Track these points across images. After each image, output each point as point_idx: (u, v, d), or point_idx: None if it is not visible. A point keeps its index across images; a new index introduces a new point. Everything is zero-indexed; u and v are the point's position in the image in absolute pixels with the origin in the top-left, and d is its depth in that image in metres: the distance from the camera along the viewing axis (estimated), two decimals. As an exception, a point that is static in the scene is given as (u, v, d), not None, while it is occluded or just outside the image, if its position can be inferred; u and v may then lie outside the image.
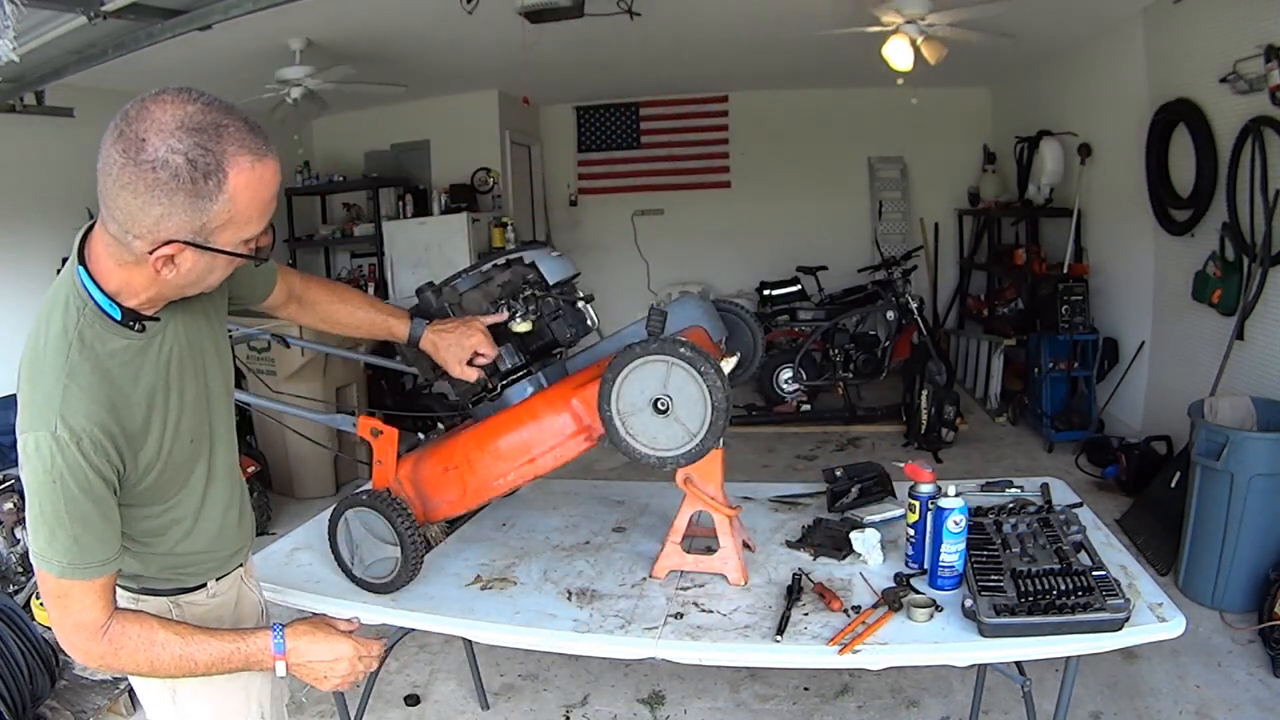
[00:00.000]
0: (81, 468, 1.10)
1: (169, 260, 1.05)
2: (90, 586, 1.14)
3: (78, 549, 1.12)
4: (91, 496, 1.12)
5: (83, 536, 1.12)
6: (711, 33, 5.18)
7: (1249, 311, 3.68)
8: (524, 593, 1.79)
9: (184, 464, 1.29)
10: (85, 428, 1.10)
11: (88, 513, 1.11)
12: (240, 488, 1.49)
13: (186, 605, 1.38)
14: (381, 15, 4.37)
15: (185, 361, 1.27)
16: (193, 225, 1.02)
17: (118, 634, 1.16)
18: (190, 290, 1.16)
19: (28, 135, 4.38)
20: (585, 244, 7.83)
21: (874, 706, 2.63)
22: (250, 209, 1.05)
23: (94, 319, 1.13)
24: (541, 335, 1.86)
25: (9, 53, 2.48)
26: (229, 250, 1.08)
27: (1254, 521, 2.97)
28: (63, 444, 1.08)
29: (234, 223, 1.05)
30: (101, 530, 1.14)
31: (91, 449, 1.10)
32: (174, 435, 1.24)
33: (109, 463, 1.13)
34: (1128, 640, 1.48)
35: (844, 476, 2.13)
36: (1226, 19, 3.74)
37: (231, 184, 1.01)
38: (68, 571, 1.12)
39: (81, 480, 1.10)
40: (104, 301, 1.13)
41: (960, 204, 7.29)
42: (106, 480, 1.13)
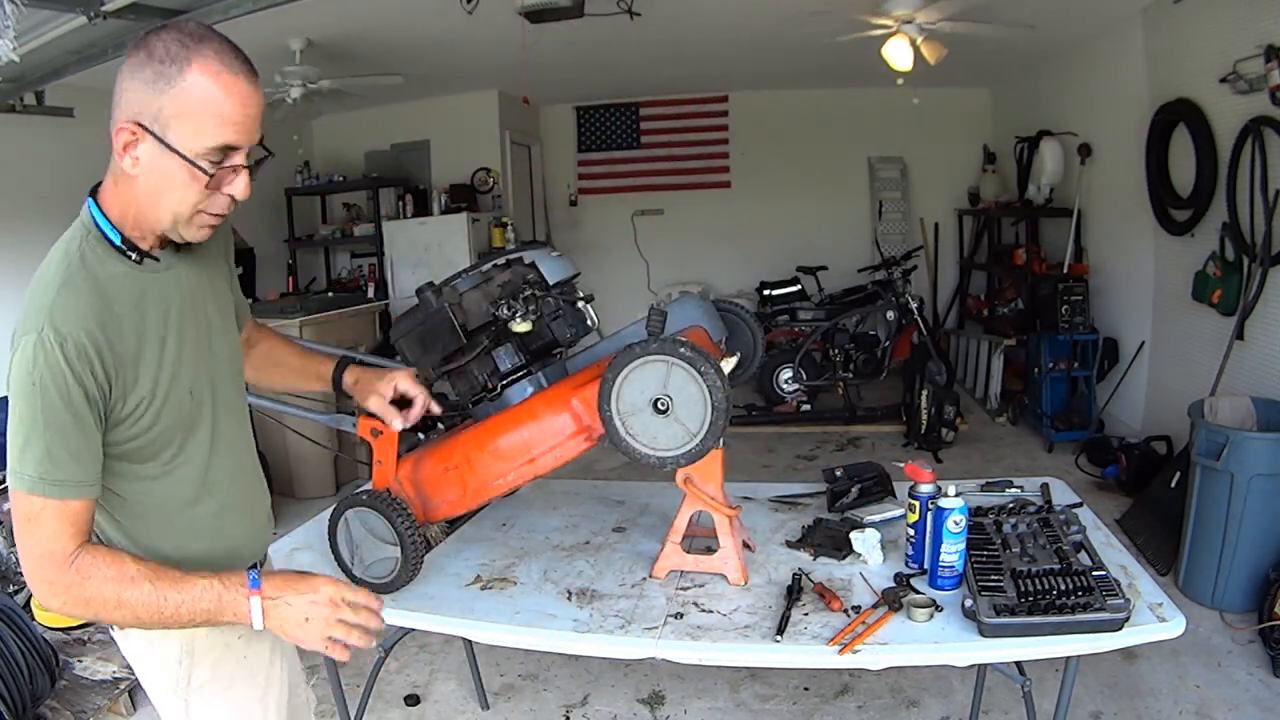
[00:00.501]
0: (63, 371, 1.06)
1: (131, 147, 1.08)
2: (60, 509, 1.09)
3: (50, 462, 1.08)
4: (70, 407, 1.08)
5: (55, 449, 1.08)
6: (711, 33, 5.18)
7: (1249, 311, 3.68)
8: (524, 593, 1.79)
9: (182, 418, 1.23)
10: (72, 331, 1.08)
11: (64, 423, 1.08)
12: (257, 476, 1.43)
13: None
14: (381, 15, 4.37)
15: (186, 312, 1.24)
16: (150, 107, 1.06)
17: (86, 563, 1.10)
18: (159, 216, 1.14)
19: (28, 135, 4.38)
20: (585, 244, 7.83)
21: (874, 706, 2.63)
22: (204, 108, 1.06)
23: (96, 244, 1.15)
24: (541, 335, 1.86)
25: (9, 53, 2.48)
26: (180, 150, 1.07)
27: (1254, 521, 2.97)
28: (47, 346, 1.06)
29: (186, 117, 1.06)
30: (77, 447, 1.09)
31: (75, 354, 1.07)
32: (171, 379, 1.20)
33: (92, 375, 1.09)
34: (1128, 640, 1.48)
35: (844, 476, 2.13)
36: (1226, 19, 3.74)
37: (191, 76, 1.05)
38: (36, 487, 1.08)
39: (61, 385, 1.07)
40: (106, 226, 1.15)
41: (960, 204, 7.29)
42: (89, 394, 1.09)
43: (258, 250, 6.35)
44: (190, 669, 1.31)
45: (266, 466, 4.46)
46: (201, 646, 1.31)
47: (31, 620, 2.72)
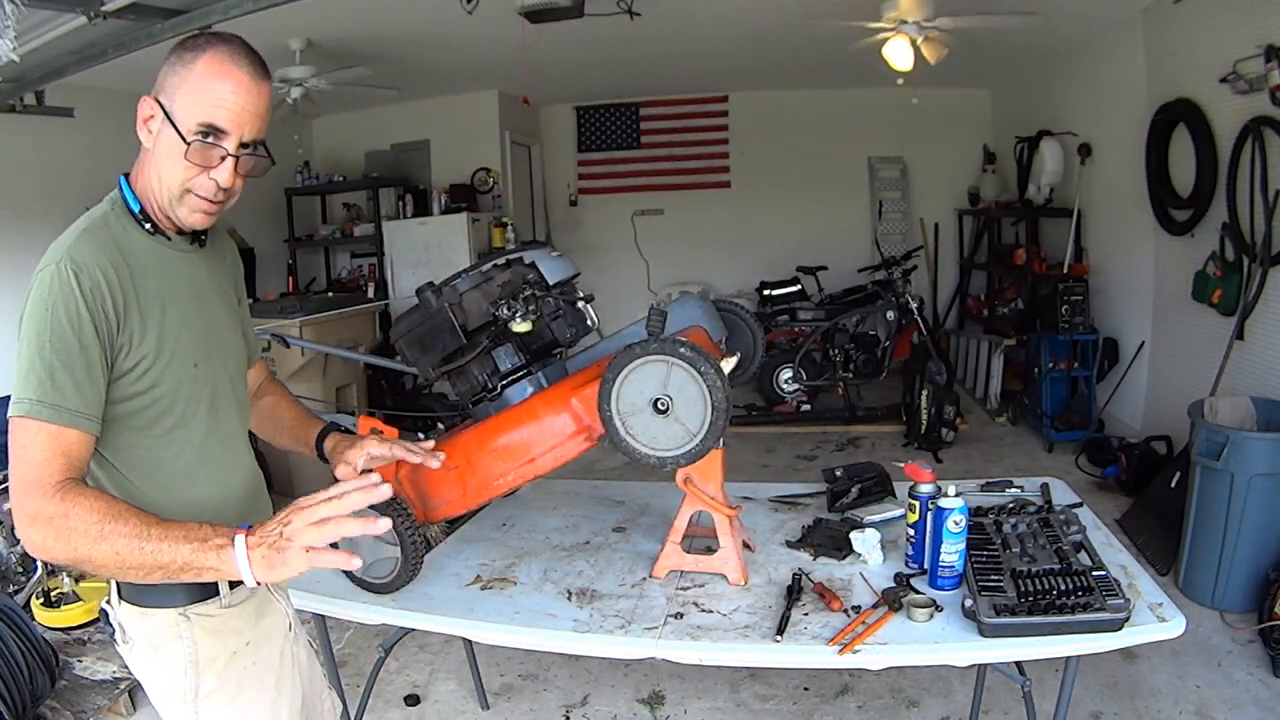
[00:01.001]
0: (76, 298, 1.10)
1: (150, 120, 1.18)
2: (55, 435, 1.09)
3: (51, 385, 1.09)
4: (79, 334, 1.10)
5: (59, 375, 1.09)
6: (711, 33, 5.18)
7: (1249, 311, 3.68)
8: (524, 593, 1.79)
9: (184, 387, 1.25)
10: (88, 264, 1.13)
11: (70, 349, 1.10)
12: (257, 475, 1.43)
13: (196, 618, 1.28)
14: (381, 15, 4.37)
15: (196, 297, 1.29)
16: (167, 84, 1.17)
17: (73, 493, 1.07)
18: (163, 189, 1.20)
19: (28, 135, 4.38)
20: (585, 244, 7.83)
21: (874, 706, 2.63)
22: (201, 85, 1.16)
23: (119, 211, 1.24)
24: (541, 335, 1.86)
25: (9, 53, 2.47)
26: (175, 122, 1.16)
27: (1254, 521, 2.97)
28: (64, 274, 1.11)
29: (185, 91, 1.16)
30: (80, 377, 1.11)
31: (89, 284, 1.12)
32: (175, 344, 1.22)
33: (103, 310, 1.13)
34: (1128, 640, 1.48)
35: (844, 476, 2.13)
36: (1226, 19, 3.74)
37: (200, 61, 1.16)
38: (33, 409, 1.08)
39: (71, 312, 1.10)
40: (129, 196, 1.24)
41: (960, 204, 7.29)
42: (97, 328, 1.12)
43: (258, 250, 6.34)
44: (197, 678, 1.29)
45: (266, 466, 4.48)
46: (206, 655, 1.29)
47: (31, 620, 2.72)
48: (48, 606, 3.03)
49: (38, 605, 3.04)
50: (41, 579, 3.23)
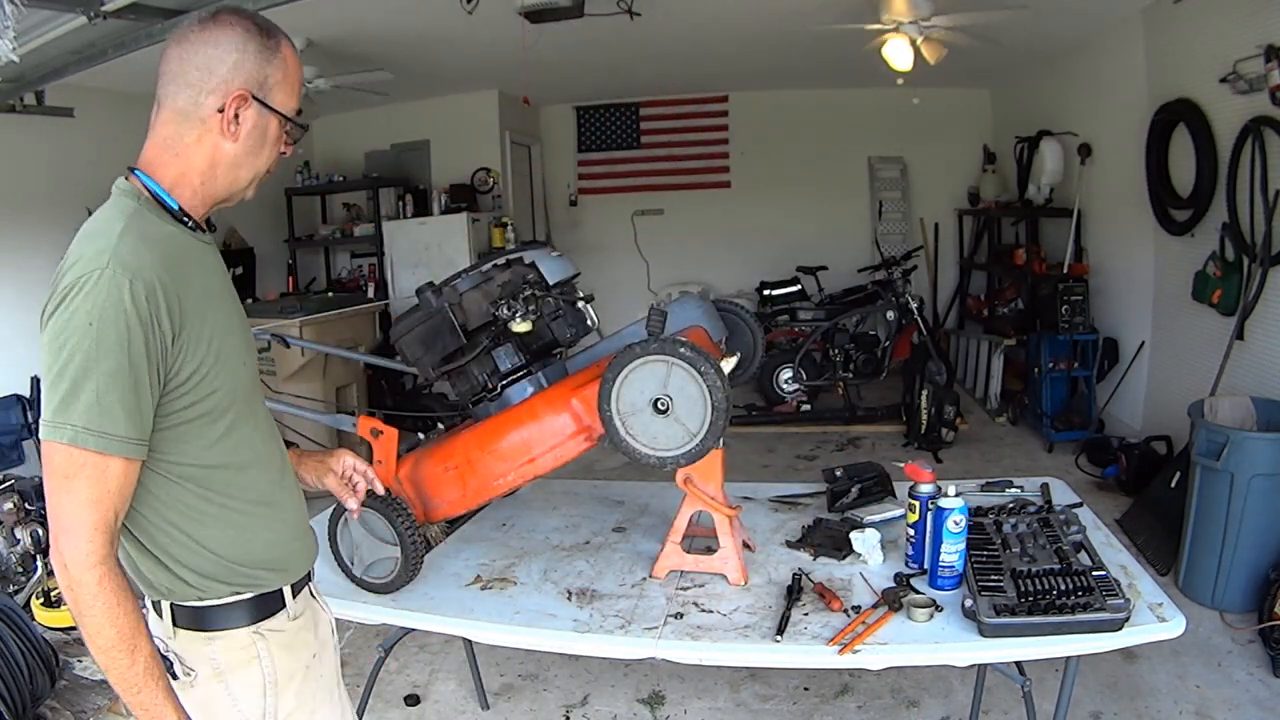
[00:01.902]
0: (126, 310, 1.00)
1: (234, 119, 1.14)
2: (101, 468, 1.01)
3: (99, 409, 0.99)
4: (129, 352, 1.01)
5: (106, 396, 0.99)
6: (711, 33, 5.18)
7: (1249, 311, 3.68)
8: (524, 593, 1.79)
9: (238, 389, 1.18)
10: (143, 271, 1.03)
11: (119, 368, 1.00)
12: (291, 473, 1.36)
13: (270, 635, 1.23)
14: (381, 15, 4.37)
15: (225, 290, 1.23)
16: (259, 75, 1.15)
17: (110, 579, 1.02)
18: (239, 177, 1.18)
19: (28, 135, 4.38)
20: (585, 244, 7.83)
21: (874, 706, 2.63)
22: (294, 77, 1.20)
23: (149, 209, 1.13)
24: (541, 335, 1.86)
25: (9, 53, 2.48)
26: (281, 110, 1.18)
27: (1254, 521, 2.96)
28: (113, 281, 1.00)
29: (286, 83, 1.18)
30: (129, 399, 1.01)
31: (146, 294, 1.02)
32: (223, 342, 1.15)
33: (157, 323, 1.03)
34: (1128, 640, 1.48)
35: (844, 476, 2.14)
36: (1226, 19, 3.74)
37: (284, 49, 1.18)
38: (80, 438, 0.99)
39: (122, 328, 1.00)
40: (160, 192, 1.14)
41: (960, 204, 7.29)
42: (149, 344, 1.03)
43: (258, 250, 6.35)
44: (276, 699, 1.24)
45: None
46: (284, 672, 1.25)
47: (31, 620, 2.72)
48: (48, 606, 3.03)
49: (38, 605, 3.04)
50: (41, 579, 3.23)
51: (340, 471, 1.50)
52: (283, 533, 1.27)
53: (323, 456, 1.51)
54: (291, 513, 1.30)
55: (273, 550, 1.25)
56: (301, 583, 1.32)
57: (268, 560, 1.24)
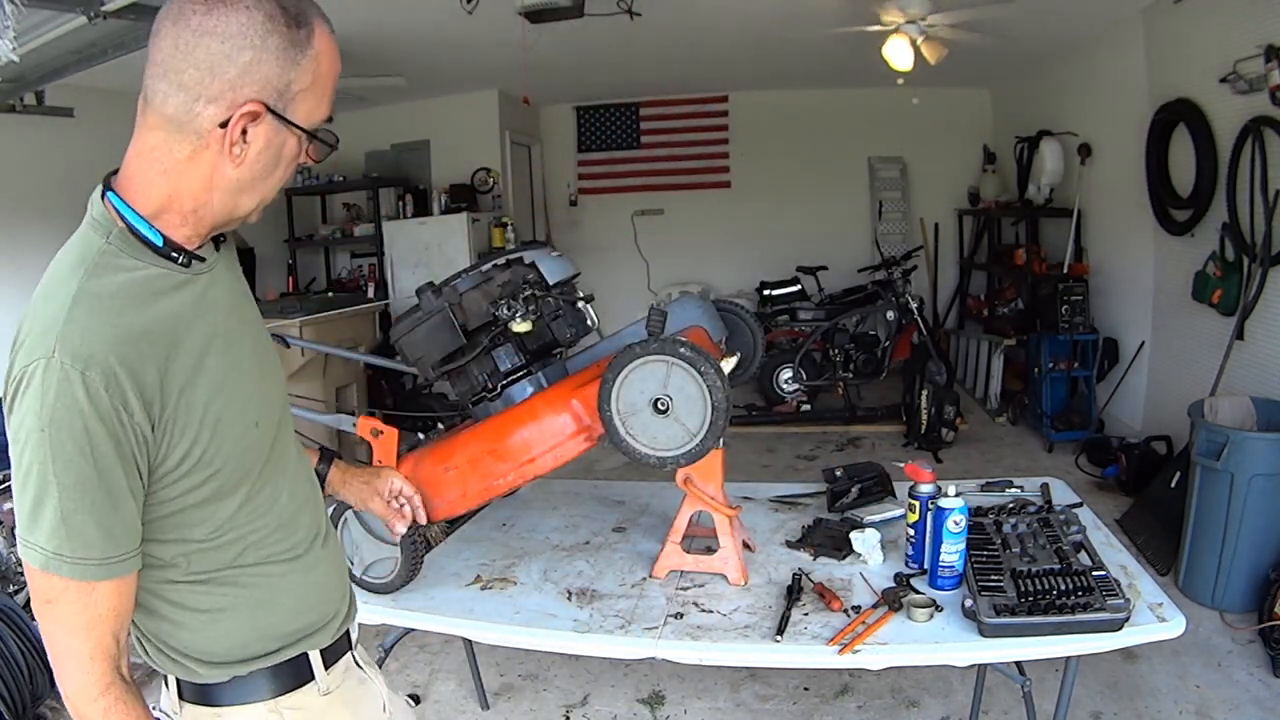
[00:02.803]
0: (82, 412, 0.81)
1: (242, 136, 0.88)
2: (86, 594, 0.85)
3: (66, 531, 0.83)
4: (94, 460, 0.82)
5: (75, 517, 0.82)
6: (711, 33, 5.18)
7: (1249, 311, 3.67)
8: (524, 593, 1.79)
9: (247, 456, 0.98)
10: (96, 356, 0.82)
11: (85, 482, 0.82)
12: (324, 513, 1.17)
13: (290, 713, 1.04)
14: (381, 15, 4.37)
15: (235, 325, 1.01)
16: (280, 81, 0.88)
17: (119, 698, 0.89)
18: (240, 204, 0.94)
19: (28, 135, 4.38)
20: (585, 244, 7.83)
21: (874, 706, 2.63)
22: (328, 78, 0.93)
23: (123, 245, 0.89)
24: (541, 335, 1.86)
25: (9, 53, 2.48)
26: (304, 126, 0.91)
27: (1254, 521, 2.96)
28: (60, 374, 0.80)
29: (315, 89, 0.92)
30: (105, 513, 0.84)
31: (103, 385, 0.82)
32: (226, 405, 0.94)
33: (127, 414, 0.84)
34: (1128, 640, 1.48)
35: (844, 476, 2.14)
36: (1226, 19, 3.74)
37: (316, 41, 0.91)
38: (51, 564, 0.83)
39: (78, 431, 0.81)
40: (140, 223, 0.90)
41: (960, 204, 7.29)
42: (120, 442, 0.84)
43: (258, 250, 6.34)
44: None
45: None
46: None
47: (31, 620, 2.72)
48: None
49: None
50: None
51: (386, 494, 1.39)
52: (310, 597, 1.08)
53: (369, 477, 1.39)
54: (323, 573, 1.11)
55: (300, 619, 1.07)
56: (338, 649, 1.12)
57: (294, 630, 1.06)
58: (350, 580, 1.24)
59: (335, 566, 1.15)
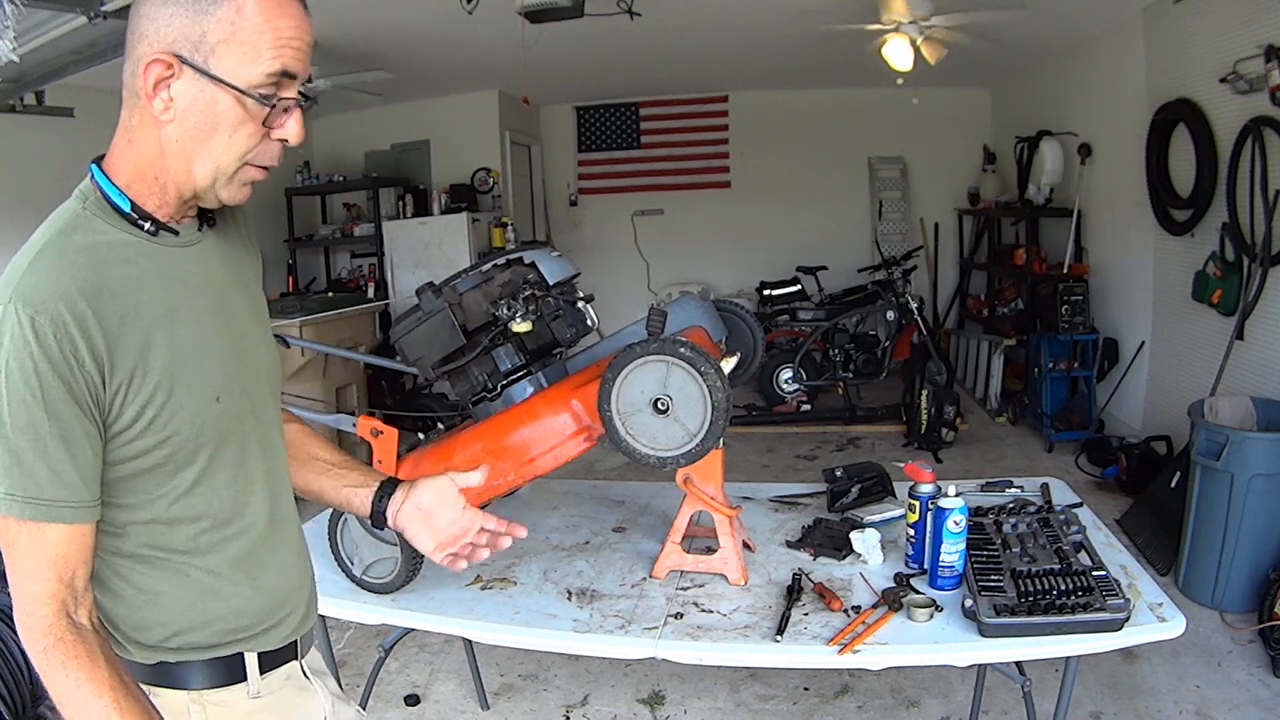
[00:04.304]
0: (33, 354, 0.84)
1: (164, 85, 0.89)
2: (36, 535, 0.87)
3: (19, 471, 0.85)
4: (45, 402, 0.85)
5: (28, 457, 0.85)
6: (711, 33, 5.18)
7: (1249, 311, 3.67)
8: (524, 593, 1.79)
9: (204, 430, 0.97)
10: (46, 303, 0.85)
11: (36, 423, 0.85)
12: (294, 522, 1.15)
13: (213, 708, 1.02)
14: (381, 15, 4.37)
15: (211, 303, 1.01)
16: (192, 33, 0.87)
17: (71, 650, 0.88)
18: (192, 170, 0.93)
19: (28, 135, 4.38)
20: (585, 244, 7.83)
21: (874, 706, 2.63)
22: (258, 30, 0.88)
23: (97, 210, 0.94)
24: (541, 335, 1.86)
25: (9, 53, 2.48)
26: (229, 81, 0.88)
27: (1254, 521, 2.96)
28: (14, 320, 0.84)
29: (237, 42, 0.88)
30: (56, 457, 0.86)
31: (51, 331, 0.84)
32: (189, 373, 0.95)
33: (76, 361, 0.86)
34: (1128, 640, 1.48)
35: (844, 476, 2.13)
36: (1226, 19, 3.74)
37: None
38: (2, 504, 0.86)
39: (29, 373, 0.84)
40: (111, 190, 0.94)
41: (960, 204, 7.29)
42: (72, 387, 0.86)
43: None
44: None
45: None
46: None
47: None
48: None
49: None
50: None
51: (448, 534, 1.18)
52: (257, 600, 1.06)
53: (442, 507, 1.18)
54: (276, 580, 1.08)
55: (241, 619, 1.04)
56: (281, 655, 1.09)
57: (233, 629, 1.04)
58: (313, 591, 1.18)
59: (294, 576, 1.12)
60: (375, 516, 1.19)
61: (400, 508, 1.18)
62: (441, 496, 1.18)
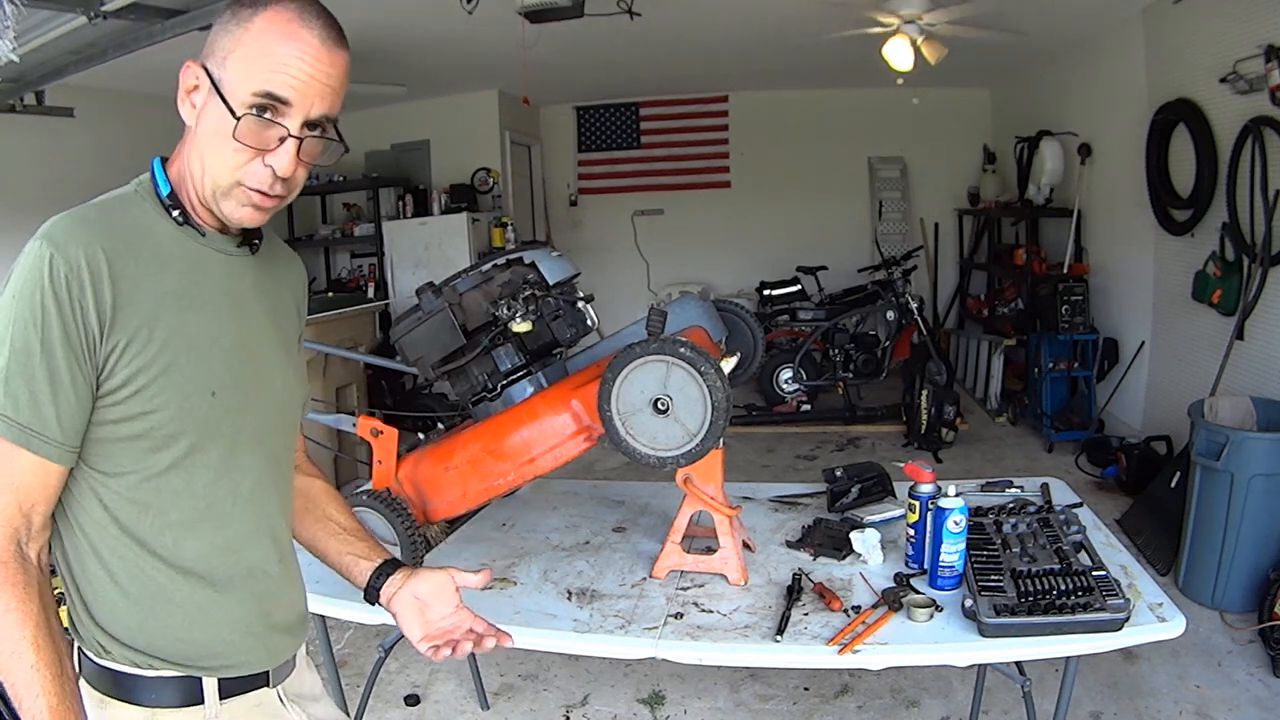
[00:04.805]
0: (42, 288, 0.88)
1: (194, 91, 0.96)
2: (9, 456, 0.89)
3: (3, 390, 0.88)
4: (42, 333, 0.88)
5: (14, 378, 0.88)
6: (711, 33, 5.18)
7: (1249, 311, 3.68)
8: (524, 593, 1.79)
9: (190, 418, 0.97)
10: (68, 248, 0.89)
11: (29, 349, 0.88)
12: (288, 561, 1.14)
13: None
14: (381, 15, 4.37)
15: (230, 308, 1.04)
16: (215, 47, 0.95)
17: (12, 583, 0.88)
18: (203, 166, 0.96)
19: (28, 135, 4.38)
20: (585, 244, 7.83)
21: (874, 706, 2.63)
22: (260, 48, 0.92)
23: (144, 195, 1.00)
24: (541, 335, 1.86)
25: (9, 53, 2.48)
26: (223, 92, 0.93)
27: (1254, 521, 2.96)
28: (36, 253, 0.89)
29: (238, 57, 0.92)
30: (39, 387, 0.88)
31: (66, 273, 0.88)
32: (188, 360, 0.97)
33: (80, 304, 0.89)
34: (1128, 640, 1.48)
35: (844, 476, 2.13)
36: (1226, 19, 3.74)
37: (259, 18, 0.92)
38: None
39: (37, 304, 0.88)
40: (160, 178, 1.01)
41: (960, 204, 7.30)
42: (68, 329, 0.89)
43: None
44: None
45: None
46: None
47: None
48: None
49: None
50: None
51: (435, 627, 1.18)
52: (223, 620, 1.03)
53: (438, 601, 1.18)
54: (256, 599, 1.06)
55: (203, 636, 1.01)
56: (247, 683, 1.05)
57: (194, 647, 1.01)
58: (301, 627, 1.17)
59: (274, 607, 1.09)
60: (369, 593, 1.20)
61: (397, 592, 1.18)
62: (440, 591, 1.18)
